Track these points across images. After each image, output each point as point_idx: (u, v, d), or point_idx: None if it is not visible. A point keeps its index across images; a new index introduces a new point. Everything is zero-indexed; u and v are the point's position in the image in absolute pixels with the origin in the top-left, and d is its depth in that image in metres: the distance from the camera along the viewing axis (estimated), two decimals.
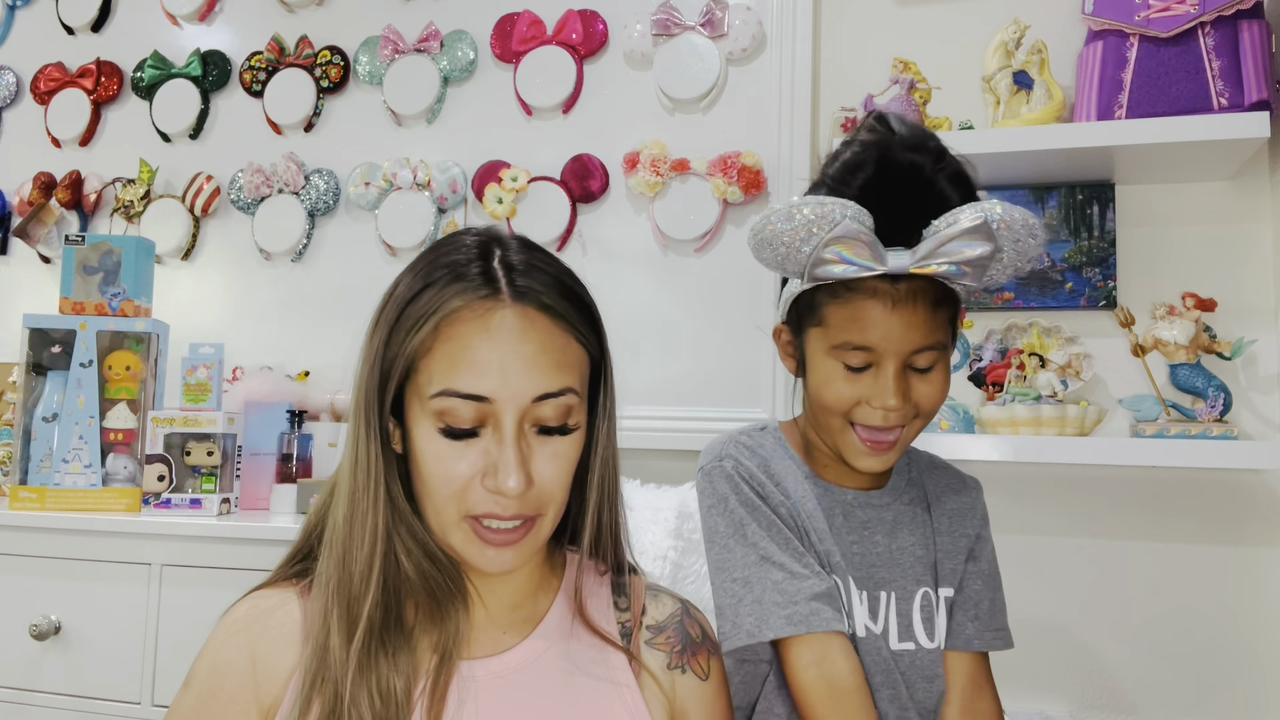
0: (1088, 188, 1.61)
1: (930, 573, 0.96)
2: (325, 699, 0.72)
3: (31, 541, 1.59)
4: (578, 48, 1.92)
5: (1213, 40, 1.44)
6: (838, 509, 0.95)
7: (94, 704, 1.53)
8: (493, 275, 0.75)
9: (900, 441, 0.90)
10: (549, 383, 0.74)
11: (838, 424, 0.90)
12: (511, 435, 0.72)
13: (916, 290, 0.85)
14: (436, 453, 0.73)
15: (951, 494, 1.01)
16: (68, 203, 2.22)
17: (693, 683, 0.84)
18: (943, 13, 1.74)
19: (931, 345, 0.87)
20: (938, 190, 0.85)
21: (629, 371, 1.81)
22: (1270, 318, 1.54)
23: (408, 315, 0.74)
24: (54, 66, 2.30)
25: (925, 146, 0.86)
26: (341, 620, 0.74)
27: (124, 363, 1.71)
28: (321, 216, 2.07)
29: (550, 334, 0.75)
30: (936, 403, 0.90)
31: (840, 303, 0.87)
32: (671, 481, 1.59)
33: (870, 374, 0.87)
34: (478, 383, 0.72)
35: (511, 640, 0.80)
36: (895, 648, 0.93)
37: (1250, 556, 1.52)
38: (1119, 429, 1.56)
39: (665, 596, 0.88)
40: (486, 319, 0.73)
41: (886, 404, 0.86)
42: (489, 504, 0.73)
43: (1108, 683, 1.55)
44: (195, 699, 0.78)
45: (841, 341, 0.87)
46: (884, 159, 0.85)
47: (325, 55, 2.09)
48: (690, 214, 1.81)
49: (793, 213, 0.83)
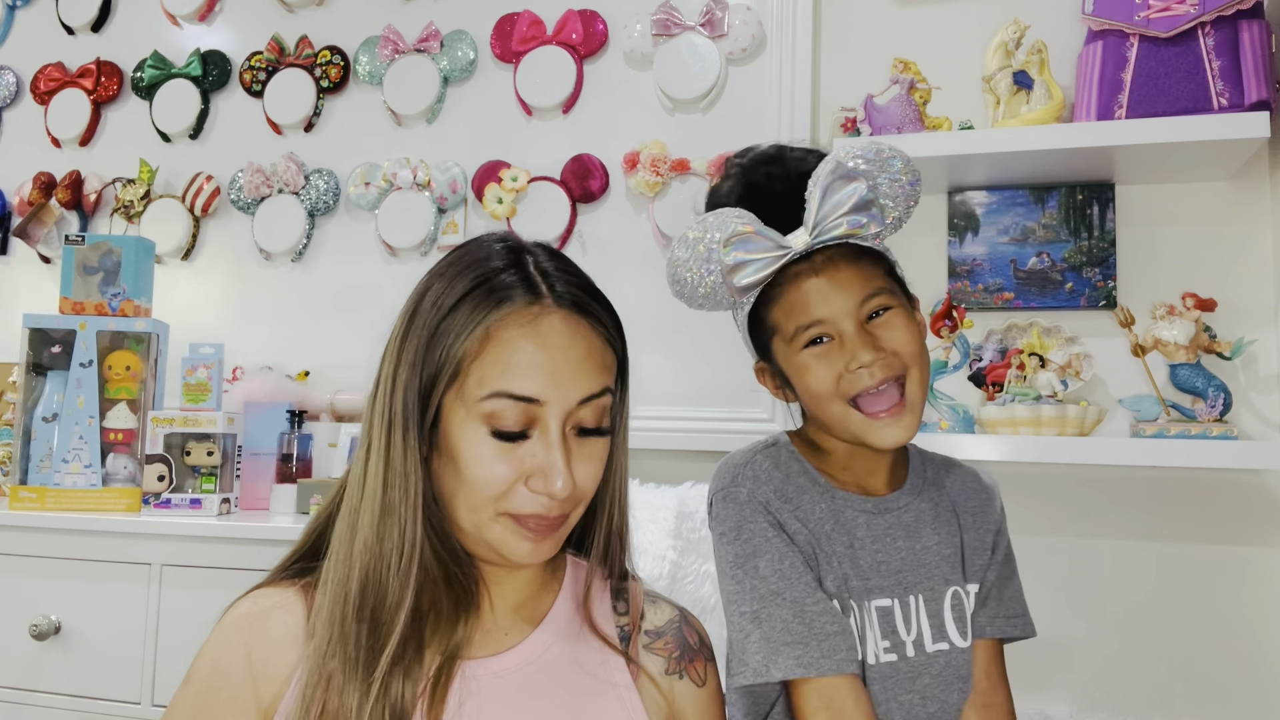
0: (1088, 188, 1.61)
1: (958, 570, 0.96)
2: (331, 708, 0.72)
3: (31, 541, 1.59)
4: (578, 48, 1.92)
5: (1213, 40, 1.44)
6: (860, 519, 0.94)
7: (94, 704, 1.53)
8: (533, 281, 0.77)
9: (909, 402, 0.89)
10: (592, 384, 0.76)
11: (839, 410, 0.90)
12: (558, 438, 0.74)
13: (833, 256, 0.88)
14: (482, 456, 0.74)
15: (971, 490, 1.00)
16: (68, 203, 2.22)
17: (689, 689, 0.84)
18: (943, 13, 1.74)
19: (873, 293, 0.89)
20: (795, 167, 0.90)
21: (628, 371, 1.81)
22: (1270, 318, 1.54)
23: (452, 322, 0.75)
24: (54, 66, 2.30)
25: (769, 154, 0.95)
26: (365, 638, 0.73)
27: (124, 363, 1.71)
28: (321, 216, 2.07)
29: (590, 338, 0.78)
30: (912, 345, 0.89)
31: (776, 302, 0.90)
32: (671, 481, 1.59)
33: (836, 346, 0.89)
34: (529, 385, 0.73)
35: (512, 640, 0.81)
36: (930, 650, 0.93)
37: (1250, 556, 1.52)
38: (1119, 429, 1.56)
39: (663, 603, 0.89)
40: (536, 324, 0.75)
41: (861, 360, 0.87)
42: (533, 505, 0.74)
43: (1108, 683, 1.55)
44: (195, 696, 0.78)
45: (794, 330, 0.89)
46: (744, 174, 0.95)
47: (325, 55, 2.09)
48: (690, 214, 1.80)
49: (684, 237, 0.91)
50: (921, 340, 0.91)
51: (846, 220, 0.87)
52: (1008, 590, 0.99)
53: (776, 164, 0.94)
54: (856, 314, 0.88)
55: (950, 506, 0.98)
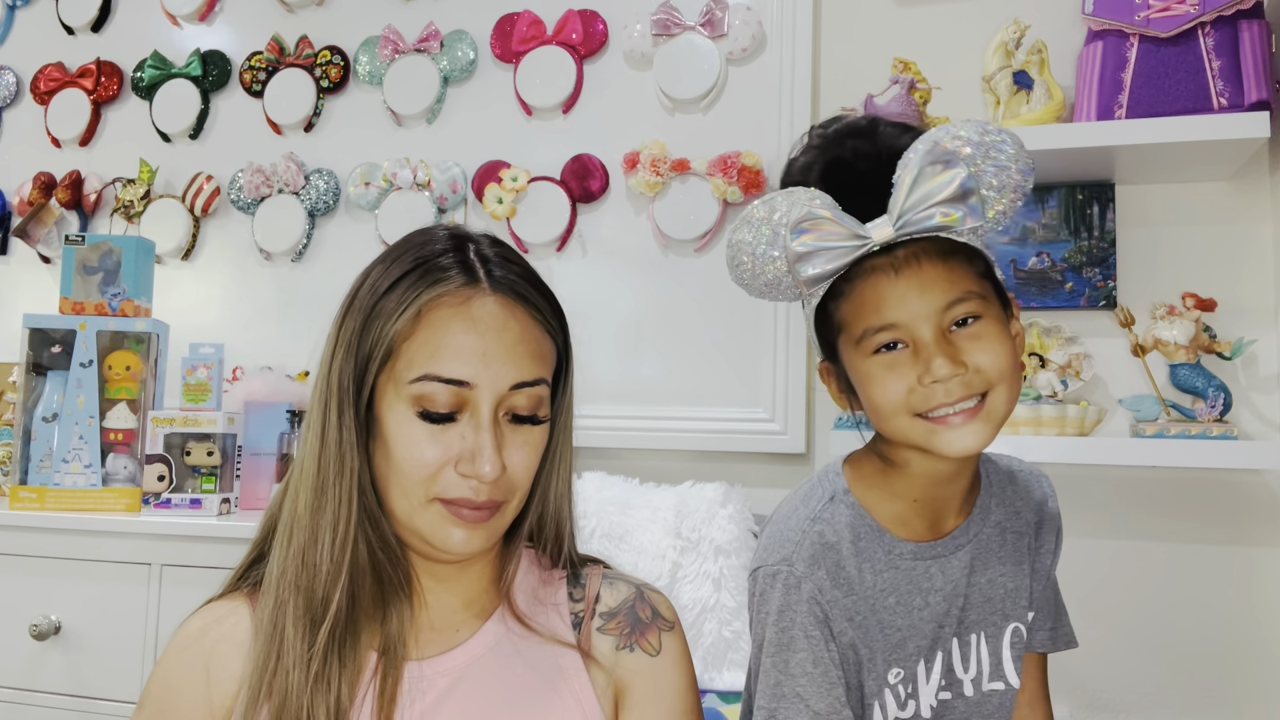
0: (1088, 188, 1.61)
1: (1022, 603, 0.90)
2: (276, 697, 0.71)
3: (31, 541, 1.59)
4: (578, 48, 1.92)
5: (1213, 40, 1.44)
6: (932, 569, 0.85)
7: (94, 704, 1.53)
8: (471, 265, 0.76)
9: (988, 408, 0.77)
10: (526, 372, 0.75)
11: (906, 423, 0.79)
12: (488, 421, 0.73)
13: (918, 251, 0.77)
14: (411, 437, 0.74)
15: (1034, 505, 0.93)
16: (68, 203, 2.22)
17: (641, 660, 0.83)
18: (943, 13, 1.74)
19: (960, 297, 0.77)
20: (887, 149, 0.79)
21: (629, 371, 1.82)
22: (1270, 318, 1.54)
23: (386, 303, 0.75)
24: (54, 66, 2.30)
25: (860, 127, 0.83)
26: (302, 616, 0.73)
27: (124, 363, 1.71)
28: (321, 216, 2.07)
29: (526, 324, 0.77)
30: (1001, 362, 0.77)
31: (846, 297, 0.80)
32: (671, 481, 1.59)
33: (909, 355, 0.77)
34: (459, 368, 0.73)
35: (461, 637, 0.80)
36: (986, 689, 0.88)
37: (1250, 556, 1.52)
38: (1119, 429, 1.56)
39: (621, 584, 0.87)
40: (468, 305, 0.75)
41: (937, 374, 0.75)
42: (461, 489, 0.74)
43: (1108, 683, 1.55)
44: (148, 719, 0.78)
45: (863, 331, 0.78)
46: (826, 149, 0.83)
47: (325, 55, 2.09)
48: (690, 214, 1.81)
49: (749, 216, 0.81)
50: (1014, 356, 0.79)
51: (939, 211, 0.75)
52: (1051, 600, 0.95)
53: (866, 138, 0.82)
54: (938, 320, 0.77)
55: (1019, 527, 0.91)
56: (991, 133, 0.77)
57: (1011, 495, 0.92)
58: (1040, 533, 0.93)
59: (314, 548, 0.74)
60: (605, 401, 1.80)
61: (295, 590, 0.74)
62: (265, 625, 0.74)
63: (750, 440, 1.72)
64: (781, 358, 1.72)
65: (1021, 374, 0.82)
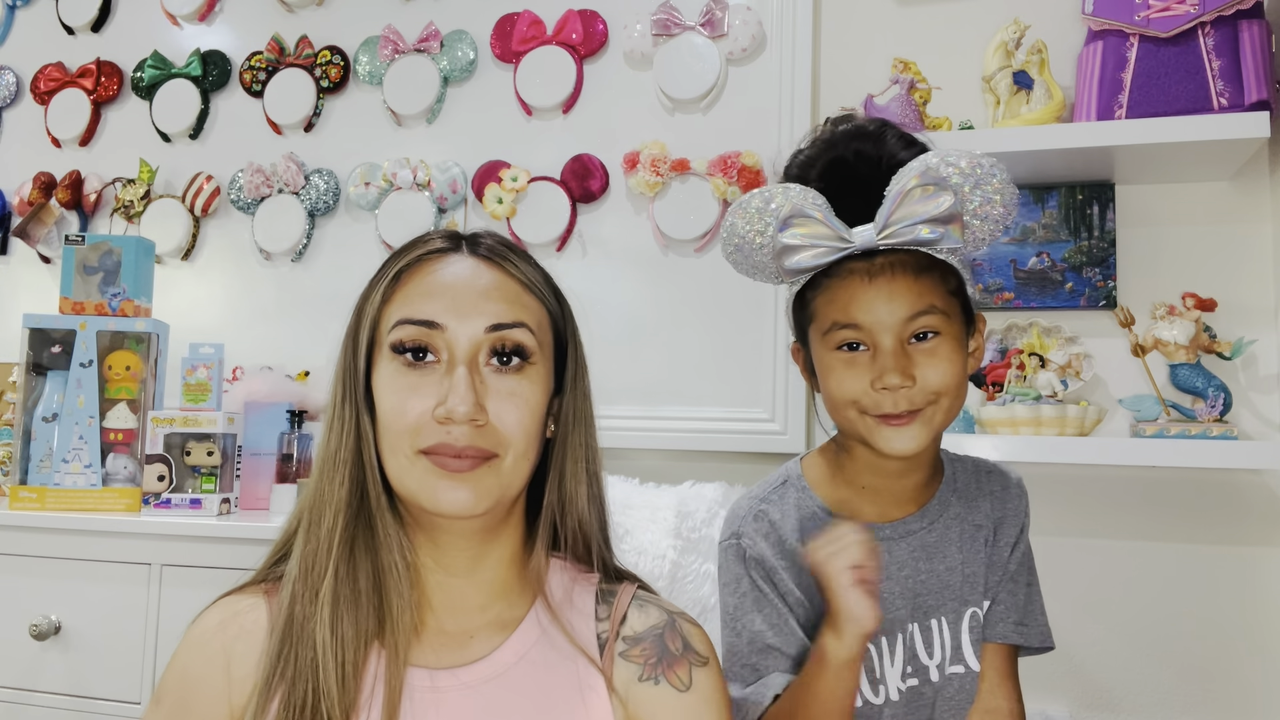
0: (1088, 188, 1.61)
1: (978, 589, 0.93)
2: (286, 681, 0.72)
3: (31, 541, 1.59)
4: (578, 48, 1.92)
5: (1213, 40, 1.44)
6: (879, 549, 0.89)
7: (94, 704, 1.53)
8: (455, 238, 0.81)
9: (925, 420, 0.84)
10: (503, 315, 0.76)
11: (854, 416, 0.86)
12: (461, 361, 0.74)
13: (895, 262, 0.83)
14: (392, 386, 0.75)
15: (996, 501, 0.97)
16: (68, 203, 2.22)
17: (667, 694, 0.78)
18: (943, 13, 1.74)
19: (922, 310, 0.83)
20: (888, 158, 0.85)
21: (629, 371, 1.82)
22: (1270, 318, 1.54)
23: (374, 287, 0.79)
24: (54, 66, 2.30)
25: (868, 131, 0.89)
26: (309, 570, 0.75)
27: (124, 363, 1.71)
28: (321, 216, 2.07)
29: (502, 277, 0.79)
30: (947, 378, 0.83)
31: (822, 291, 0.86)
32: (671, 481, 1.59)
33: (868, 357, 0.84)
34: (428, 308, 0.75)
35: (481, 649, 0.78)
36: (948, 672, 0.92)
37: (1250, 556, 1.52)
38: (1119, 429, 1.56)
39: (654, 608, 0.83)
40: (442, 260, 0.79)
41: (888, 382, 0.82)
42: (439, 434, 0.73)
43: (1108, 683, 1.55)
44: (167, 713, 0.77)
45: (829, 325, 0.85)
46: (831, 147, 0.88)
47: (325, 55, 2.09)
48: (690, 214, 1.81)
49: (746, 203, 0.87)
50: (962, 374, 0.86)
51: (922, 228, 0.80)
52: (1018, 594, 0.96)
53: (871, 143, 0.87)
54: (899, 331, 0.83)
55: (978, 520, 0.95)
56: (983, 165, 0.82)
57: (975, 492, 0.97)
58: (1001, 528, 0.97)
59: (318, 525, 0.76)
60: (605, 401, 1.76)
61: (305, 574, 0.75)
62: (281, 616, 0.75)
63: (750, 440, 1.72)
64: (781, 358, 1.71)
65: (965, 390, 0.89)
